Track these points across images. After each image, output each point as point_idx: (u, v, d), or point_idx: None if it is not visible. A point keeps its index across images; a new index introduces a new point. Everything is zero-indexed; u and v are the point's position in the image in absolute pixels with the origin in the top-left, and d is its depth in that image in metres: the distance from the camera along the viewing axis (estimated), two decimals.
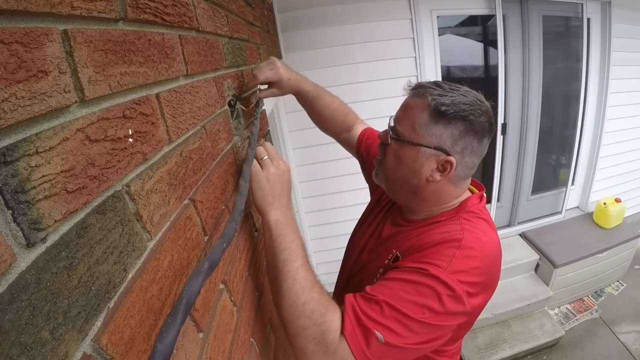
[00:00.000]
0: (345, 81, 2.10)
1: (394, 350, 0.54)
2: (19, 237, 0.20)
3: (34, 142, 0.22)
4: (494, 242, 0.64)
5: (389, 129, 0.69)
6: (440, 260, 0.57)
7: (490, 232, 0.65)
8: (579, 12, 2.40)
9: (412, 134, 0.64)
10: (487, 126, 0.64)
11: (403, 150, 0.66)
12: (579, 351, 2.33)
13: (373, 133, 1.02)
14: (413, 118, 0.64)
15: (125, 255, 0.29)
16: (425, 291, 0.54)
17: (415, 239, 0.66)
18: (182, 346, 0.36)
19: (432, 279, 0.55)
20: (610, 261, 2.64)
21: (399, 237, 0.72)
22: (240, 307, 0.58)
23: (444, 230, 0.64)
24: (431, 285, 0.54)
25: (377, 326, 0.53)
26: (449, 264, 0.56)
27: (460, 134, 0.62)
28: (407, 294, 0.55)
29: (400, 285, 0.56)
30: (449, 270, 0.55)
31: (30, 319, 0.20)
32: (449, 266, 0.56)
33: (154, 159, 0.36)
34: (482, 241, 0.61)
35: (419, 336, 0.54)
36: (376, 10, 2.02)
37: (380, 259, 0.73)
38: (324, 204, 2.37)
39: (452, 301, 0.55)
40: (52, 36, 0.24)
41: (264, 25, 1.35)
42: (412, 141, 0.64)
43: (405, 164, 0.66)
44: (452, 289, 0.54)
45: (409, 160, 0.65)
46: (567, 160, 2.83)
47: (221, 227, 0.53)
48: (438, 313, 0.54)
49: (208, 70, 0.57)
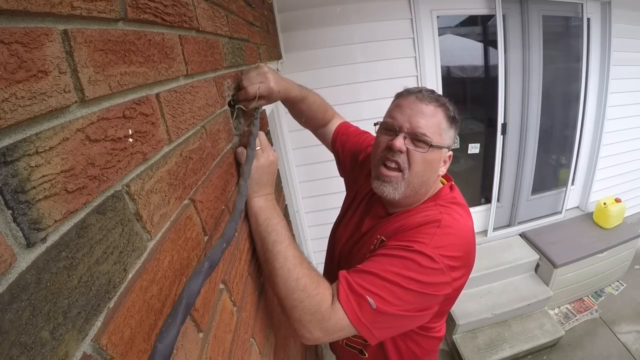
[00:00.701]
0: (345, 81, 2.10)
1: (384, 317, 0.60)
2: (19, 237, 0.20)
3: (34, 142, 0.22)
4: (469, 222, 0.72)
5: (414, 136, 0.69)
6: (423, 238, 0.64)
7: (464, 215, 0.72)
8: (579, 12, 2.39)
9: (439, 139, 0.71)
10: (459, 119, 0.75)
11: (432, 155, 0.71)
12: (579, 351, 2.33)
13: (348, 128, 1.08)
14: (439, 125, 0.71)
15: (125, 255, 0.29)
16: (411, 264, 0.61)
17: (398, 224, 0.73)
18: (182, 346, 0.36)
19: (417, 254, 0.62)
20: (610, 261, 2.63)
21: (381, 226, 0.78)
22: (240, 307, 0.58)
23: (424, 215, 0.71)
24: (416, 259, 0.61)
25: (369, 293, 0.59)
26: (431, 241, 0.63)
27: (454, 132, 0.74)
28: (394, 267, 0.61)
29: (388, 260, 0.63)
30: (432, 246, 0.62)
31: (30, 319, 0.20)
32: (431, 242, 0.63)
33: (154, 159, 0.36)
34: (459, 221, 0.69)
35: (407, 304, 0.61)
36: (376, 10, 2.01)
37: (366, 247, 0.79)
38: (324, 204, 2.37)
39: (435, 272, 0.62)
40: (52, 36, 0.24)
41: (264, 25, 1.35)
42: (440, 145, 0.71)
43: (432, 167, 0.72)
44: (436, 262, 0.61)
45: (435, 163, 0.73)
46: (567, 160, 2.83)
47: (221, 227, 0.53)
48: (423, 283, 0.61)
49: (208, 70, 0.57)
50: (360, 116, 1.10)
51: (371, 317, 0.59)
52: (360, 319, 0.59)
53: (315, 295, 0.60)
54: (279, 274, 0.62)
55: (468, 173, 2.88)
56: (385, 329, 0.62)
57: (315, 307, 0.59)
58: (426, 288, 0.61)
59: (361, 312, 0.59)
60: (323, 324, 0.59)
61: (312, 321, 0.59)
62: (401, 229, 0.71)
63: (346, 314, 0.58)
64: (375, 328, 0.61)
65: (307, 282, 0.61)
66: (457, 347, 2.29)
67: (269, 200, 0.69)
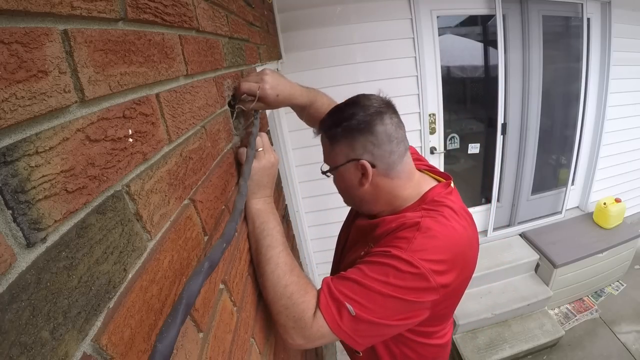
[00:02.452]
0: (345, 81, 2.09)
1: (365, 324, 0.59)
2: (19, 237, 0.20)
3: (34, 142, 0.22)
4: (457, 224, 0.67)
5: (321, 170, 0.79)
6: (401, 242, 0.62)
7: (452, 215, 0.68)
8: (579, 12, 2.39)
9: (331, 162, 0.75)
10: (372, 118, 0.68)
11: (337, 177, 0.77)
12: (579, 351, 2.33)
13: None
14: (325, 152, 0.77)
15: (125, 255, 0.29)
16: (388, 270, 0.60)
17: (382, 230, 0.72)
18: (182, 346, 0.36)
19: (394, 259, 0.60)
20: (610, 261, 2.63)
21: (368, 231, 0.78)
22: (240, 307, 0.58)
23: (402, 219, 0.69)
24: (394, 264, 0.60)
25: (348, 299, 0.59)
26: (409, 245, 0.61)
27: (352, 141, 0.69)
28: (373, 273, 0.60)
29: (368, 266, 0.62)
30: (410, 250, 0.60)
31: (30, 319, 0.20)
32: (409, 246, 0.61)
33: (154, 159, 0.36)
34: (442, 223, 0.65)
35: (387, 311, 0.59)
36: (376, 10, 2.01)
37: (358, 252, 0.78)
38: (324, 204, 2.36)
39: (414, 277, 0.59)
40: (52, 36, 0.24)
41: (264, 25, 1.35)
42: (333, 167, 0.74)
43: (344, 184, 0.76)
44: (415, 266, 0.59)
45: (343, 180, 0.75)
46: (567, 160, 2.82)
47: (221, 227, 0.53)
48: (403, 288, 0.59)
49: (208, 70, 0.57)
50: None
51: (351, 324, 0.59)
52: (340, 326, 0.58)
53: (300, 303, 0.60)
54: (269, 278, 0.63)
55: (468, 173, 2.88)
56: (369, 336, 0.61)
57: (299, 315, 0.60)
58: (406, 294, 0.59)
59: (341, 320, 0.58)
60: (305, 331, 0.59)
61: (295, 328, 0.60)
62: (382, 235, 0.70)
63: (326, 322, 0.58)
64: (359, 336, 0.60)
65: (294, 289, 0.62)
66: (457, 347, 2.29)
67: (267, 203, 0.70)
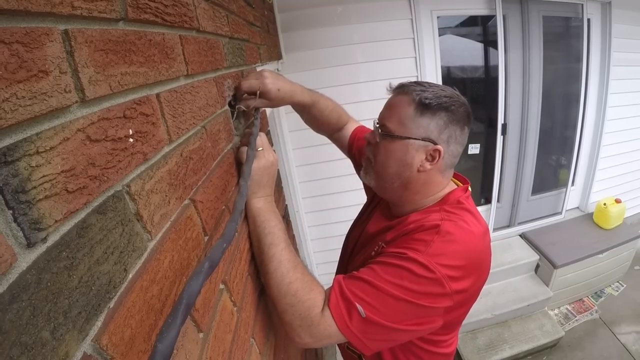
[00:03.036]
0: (346, 81, 2.10)
1: (375, 327, 0.57)
2: (20, 237, 0.20)
3: (34, 142, 0.21)
4: (476, 229, 0.65)
5: (375, 128, 0.72)
6: (418, 245, 0.60)
7: (472, 220, 0.66)
8: (579, 13, 2.39)
9: (400, 129, 0.67)
10: (466, 116, 0.68)
11: (393, 146, 0.68)
12: (578, 352, 2.33)
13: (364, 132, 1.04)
14: (400, 113, 0.67)
15: (126, 255, 0.29)
16: (403, 273, 0.57)
17: (399, 231, 0.70)
18: (182, 346, 0.36)
19: (411, 262, 0.58)
20: (610, 262, 2.63)
21: (383, 232, 0.76)
22: (240, 307, 0.58)
23: (423, 220, 0.66)
24: (409, 267, 0.57)
25: (359, 300, 0.57)
26: (427, 248, 0.59)
27: (444, 123, 0.66)
28: (387, 275, 0.58)
29: (381, 267, 0.60)
30: (427, 254, 0.58)
31: (31, 319, 0.20)
32: (427, 250, 0.59)
33: (155, 159, 0.36)
34: (462, 227, 0.63)
35: (398, 315, 0.57)
36: (376, 10, 2.01)
37: (367, 252, 0.76)
38: (324, 204, 2.37)
39: (429, 282, 0.57)
40: (52, 36, 0.24)
41: (264, 25, 1.35)
42: (401, 135, 0.67)
43: (397, 159, 0.69)
44: (431, 271, 0.57)
45: (400, 154, 0.68)
46: (567, 161, 2.83)
47: (221, 227, 0.53)
48: (417, 292, 0.57)
49: (208, 70, 0.57)
50: (361, 116, 1.10)
51: (361, 326, 0.57)
52: (349, 327, 0.57)
53: (306, 300, 0.59)
54: (272, 277, 0.62)
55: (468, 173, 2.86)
56: (379, 340, 0.59)
57: (305, 312, 0.58)
58: (420, 299, 0.57)
59: (350, 320, 0.57)
60: (312, 329, 0.58)
61: (301, 326, 0.59)
62: (399, 236, 0.68)
63: (335, 321, 0.57)
64: (368, 339, 0.58)
65: (299, 286, 0.60)
66: (457, 348, 2.29)
67: (268, 202, 0.69)
